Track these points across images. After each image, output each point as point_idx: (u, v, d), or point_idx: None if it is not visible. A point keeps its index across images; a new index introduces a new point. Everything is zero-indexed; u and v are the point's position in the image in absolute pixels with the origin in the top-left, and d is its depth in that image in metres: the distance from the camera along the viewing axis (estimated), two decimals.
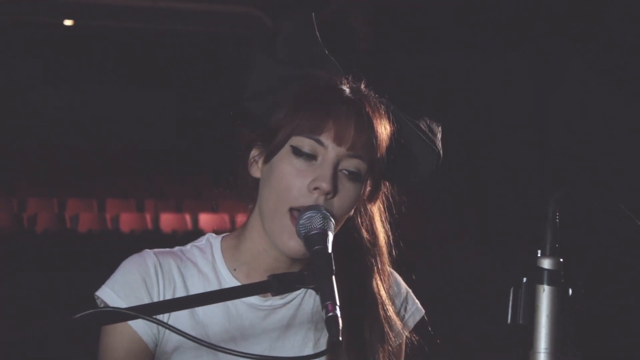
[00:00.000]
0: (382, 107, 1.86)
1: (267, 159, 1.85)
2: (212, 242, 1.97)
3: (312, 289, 1.64)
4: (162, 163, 15.17)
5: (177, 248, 1.97)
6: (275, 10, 13.60)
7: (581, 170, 6.67)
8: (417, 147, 1.90)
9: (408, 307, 2.04)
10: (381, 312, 1.92)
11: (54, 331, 1.50)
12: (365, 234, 1.94)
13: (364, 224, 1.94)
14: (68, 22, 14.89)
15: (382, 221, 1.96)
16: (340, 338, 1.57)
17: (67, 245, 11.74)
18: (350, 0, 11.71)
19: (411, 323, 2.04)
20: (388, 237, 1.97)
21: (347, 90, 1.85)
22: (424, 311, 2.06)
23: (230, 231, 2.01)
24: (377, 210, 1.96)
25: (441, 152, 1.92)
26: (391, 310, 1.94)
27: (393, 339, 1.93)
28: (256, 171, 1.90)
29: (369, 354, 1.89)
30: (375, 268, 1.94)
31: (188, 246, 1.98)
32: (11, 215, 13.29)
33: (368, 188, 1.89)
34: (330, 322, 1.57)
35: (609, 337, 6.57)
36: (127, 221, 13.52)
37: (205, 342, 1.58)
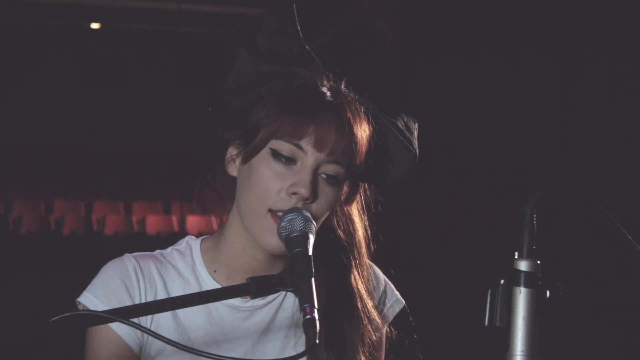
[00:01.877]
0: (362, 108, 1.86)
1: (246, 159, 1.84)
2: (191, 245, 1.97)
3: (291, 291, 1.64)
4: (189, 165, 15.16)
5: (157, 251, 1.97)
6: (303, 14, 13.58)
7: (603, 176, 6.63)
8: (394, 148, 1.90)
9: (387, 299, 2.04)
10: (360, 307, 1.92)
11: (31, 334, 1.51)
12: (341, 234, 1.94)
13: (341, 224, 1.94)
14: (95, 25, 14.97)
15: (360, 218, 1.96)
16: (317, 341, 1.57)
17: (93, 247, 11.80)
18: (375, 1, 11.68)
19: (390, 315, 2.04)
20: (367, 232, 1.97)
21: (328, 93, 1.84)
22: (404, 302, 2.05)
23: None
24: (355, 207, 1.95)
25: (417, 150, 1.91)
26: (370, 304, 1.94)
27: (372, 333, 1.93)
28: (233, 170, 1.90)
29: (348, 350, 1.89)
30: (354, 263, 1.94)
31: (168, 249, 1.98)
32: (38, 218, 13.37)
33: (345, 189, 1.89)
34: (308, 324, 1.57)
35: (609, 337, 6.55)
36: (154, 223, 13.57)
37: (181, 344, 1.59)
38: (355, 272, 1.94)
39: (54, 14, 13.94)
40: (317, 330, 1.56)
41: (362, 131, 1.83)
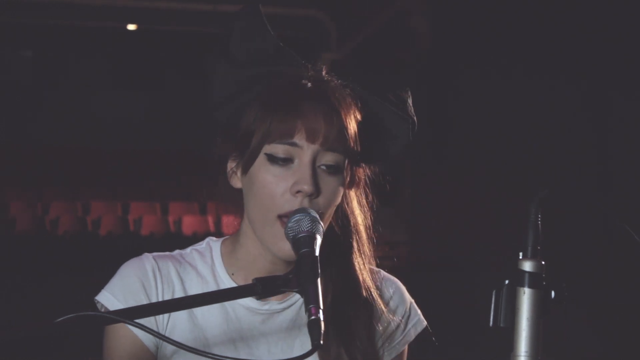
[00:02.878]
0: (348, 91, 1.84)
1: (245, 169, 1.85)
2: (212, 246, 1.98)
3: (296, 292, 1.63)
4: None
5: (176, 252, 1.98)
6: (338, 14, 13.59)
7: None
8: (389, 121, 1.88)
9: (410, 319, 2.03)
10: (365, 296, 1.92)
11: (35, 335, 1.51)
12: (352, 219, 1.93)
13: (350, 209, 1.93)
14: (131, 27, 15.05)
15: (359, 202, 1.95)
16: (322, 341, 1.57)
17: (130, 248, 11.82)
18: (410, 1, 11.66)
19: (413, 334, 2.03)
20: (365, 217, 1.96)
21: (309, 84, 1.83)
22: (425, 323, 2.04)
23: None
24: (353, 193, 1.95)
25: (415, 117, 1.89)
26: (375, 293, 1.94)
27: (378, 322, 1.94)
28: (237, 182, 1.90)
29: (356, 341, 1.88)
30: (356, 250, 1.93)
31: (188, 250, 1.98)
32: (75, 219, 13.47)
33: (348, 172, 1.87)
34: (313, 325, 1.57)
35: (611, 337, 6.51)
36: (190, 224, 13.61)
37: (184, 344, 1.58)
38: (359, 260, 1.93)
39: (90, 16, 14.02)
40: (322, 331, 1.56)
41: (351, 115, 1.82)
